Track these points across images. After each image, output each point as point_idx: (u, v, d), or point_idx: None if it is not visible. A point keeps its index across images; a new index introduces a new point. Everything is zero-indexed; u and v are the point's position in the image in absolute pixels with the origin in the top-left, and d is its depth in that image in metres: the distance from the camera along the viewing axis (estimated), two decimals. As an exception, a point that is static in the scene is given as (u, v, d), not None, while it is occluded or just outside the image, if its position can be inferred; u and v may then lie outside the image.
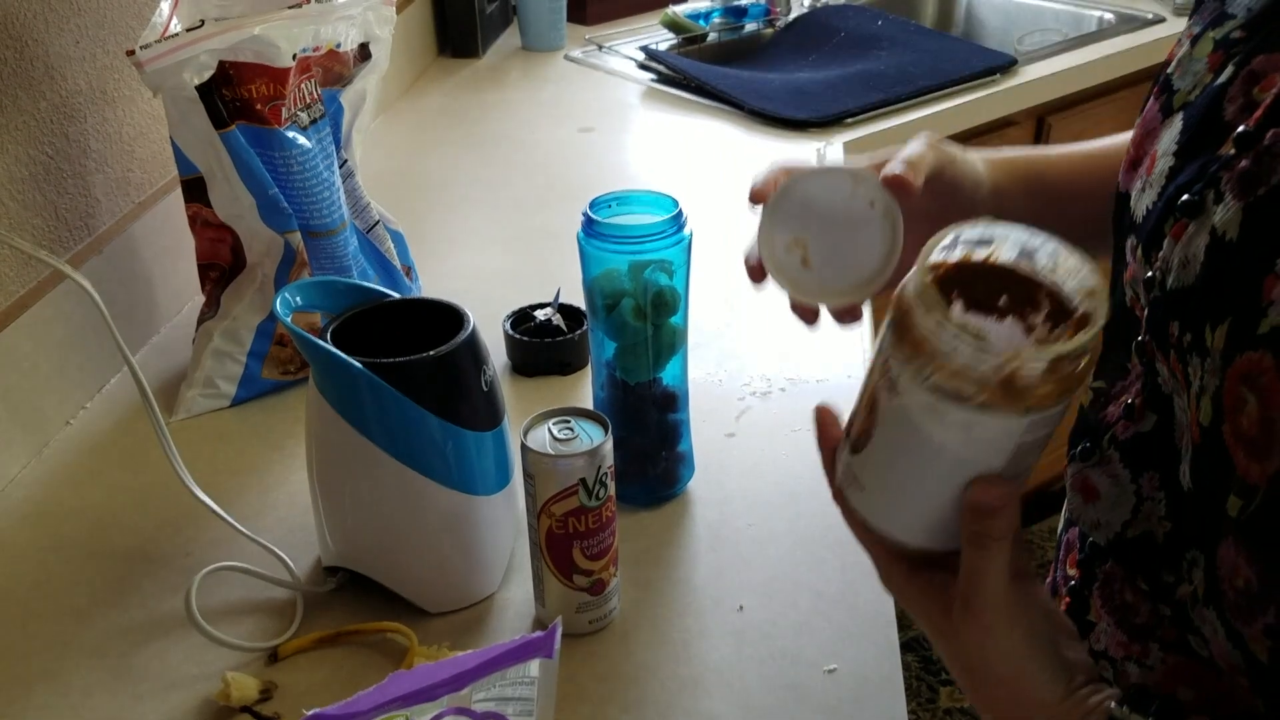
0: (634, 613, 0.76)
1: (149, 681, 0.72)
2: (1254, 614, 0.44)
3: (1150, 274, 0.53)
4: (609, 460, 0.69)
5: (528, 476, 0.70)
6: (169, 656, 0.74)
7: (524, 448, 0.69)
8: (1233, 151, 0.49)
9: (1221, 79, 0.52)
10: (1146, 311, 0.53)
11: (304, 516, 0.83)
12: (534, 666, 0.55)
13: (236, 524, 0.79)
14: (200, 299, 1.03)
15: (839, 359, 1.04)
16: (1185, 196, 0.50)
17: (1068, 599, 0.61)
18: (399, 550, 0.74)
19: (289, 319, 0.72)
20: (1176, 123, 0.54)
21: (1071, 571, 0.61)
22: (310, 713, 0.49)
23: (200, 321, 1.02)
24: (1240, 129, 0.49)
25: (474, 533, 0.75)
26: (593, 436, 0.69)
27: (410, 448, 0.71)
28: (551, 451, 0.68)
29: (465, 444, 0.72)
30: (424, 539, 0.74)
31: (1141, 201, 0.55)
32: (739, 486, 0.87)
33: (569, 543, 0.70)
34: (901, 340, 0.45)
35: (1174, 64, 0.57)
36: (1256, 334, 0.44)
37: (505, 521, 0.78)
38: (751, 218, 0.64)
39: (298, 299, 0.75)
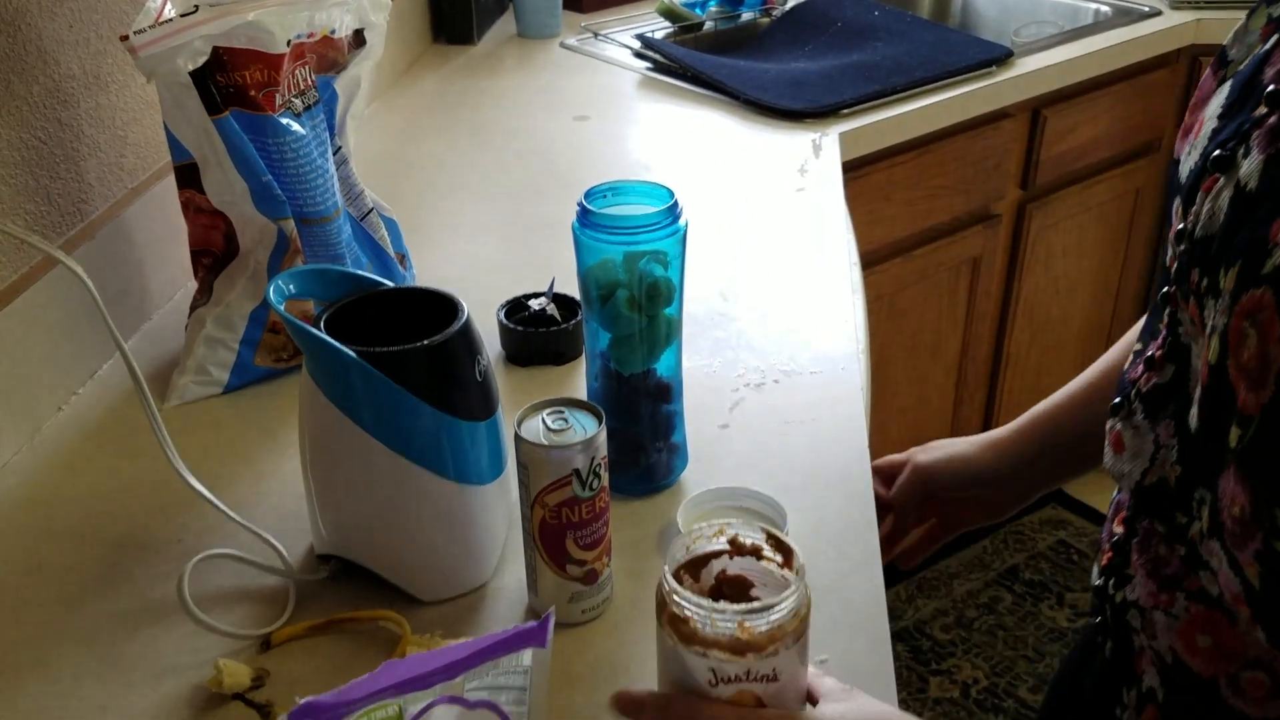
0: (627, 602, 0.76)
1: (140, 669, 0.72)
2: (1246, 539, 0.48)
3: (1181, 226, 0.57)
4: (603, 451, 0.69)
5: (521, 467, 0.69)
6: (160, 644, 0.74)
7: (518, 438, 0.69)
8: (1265, 110, 0.52)
9: (1267, 47, 0.56)
10: (1176, 263, 0.57)
11: (296, 504, 0.83)
12: (527, 656, 0.55)
13: (229, 511, 0.79)
14: (193, 285, 1.03)
15: (833, 350, 1.04)
16: (1218, 152, 0.54)
17: (1110, 553, 0.64)
18: (392, 539, 0.74)
19: (282, 307, 0.72)
20: (1225, 89, 0.58)
21: (1118, 529, 0.64)
22: (303, 701, 0.49)
23: (193, 308, 1.01)
24: (1271, 88, 0.52)
25: (467, 522, 0.75)
26: (586, 427, 0.69)
27: (404, 437, 0.71)
28: (545, 442, 0.68)
29: (459, 433, 0.72)
30: (417, 528, 0.74)
31: (1186, 164, 0.59)
32: (732, 478, 0.87)
33: (562, 533, 0.70)
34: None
35: (1231, 37, 0.61)
36: (1261, 273, 0.47)
37: (499, 511, 0.78)
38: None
39: (291, 287, 0.75)
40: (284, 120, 0.95)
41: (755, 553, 0.61)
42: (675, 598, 0.57)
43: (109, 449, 0.93)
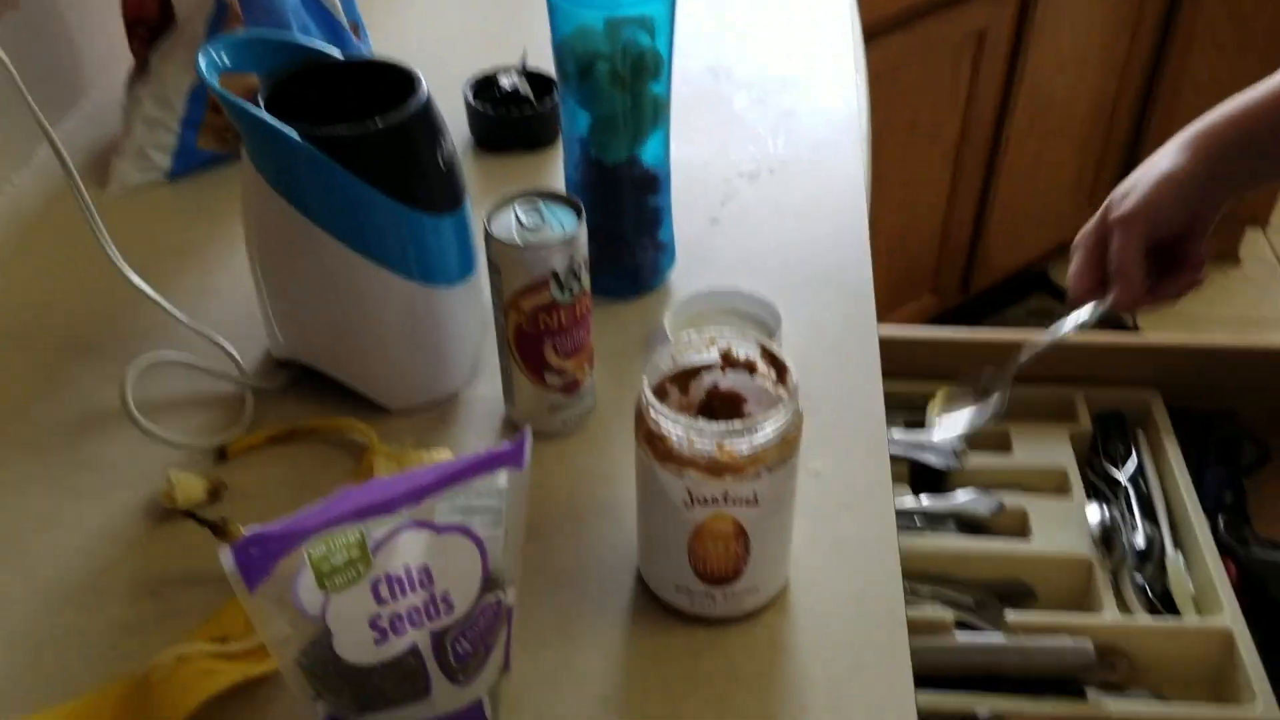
0: (610, 412, 0.71)
1: (88, 479, 0.67)
2: None
3: None
4: (583, 250, 0.63)
5: (492, 268, 0.63)
6: (109, 454, 0.69)
7: (487, 236, 0.62)
8: None
9: None
10: None
11: (250, 303, 0.76)
12: (502, 478, 0.50)
13: (176, 311, 0.72)
14: (131, 61, 0.93)
15: (832, 137, 0.96)
16: None
17: None
18: (354, 344, 0.68)
19: (216, 81, 0.63)
20: None
21: None
22: (249, 531, 0.44)
23: (130, 86, 0.92)
24: None
25: (436, 326, 0.69)
26: (564, 223, 0.62)
27: (360, 232, 0.64)
28: (518, 241, 0.61)
29: (422, 229, 0.65)
30: (380, 333, 0.68)
31: None
32: (723, 277, 0.81)
33: (539, 340, 0.64)
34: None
35: None
36: None
37: (470, 313, 0.71)
38: None
39: (225, 57, 0.65)
40: None
41: (748, 367, 0.56)
42: (652, 413, 0.52)
43: (49, 243, 0.86)
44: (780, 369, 0.55)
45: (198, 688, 0.53)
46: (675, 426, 0.51)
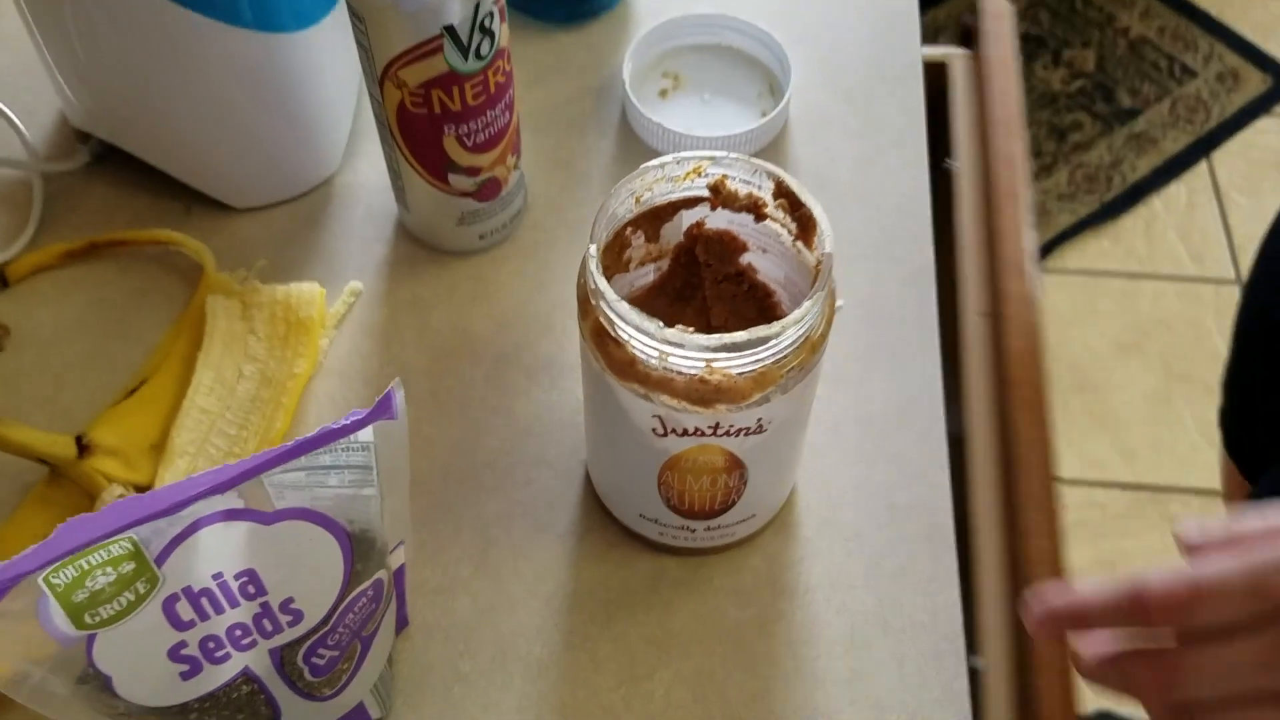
0: (548, 212, 0.50)
1: None
2: None
3: None
4: (496, -12, 0.40)
5: (355, 19, 0.40)
6: None
7: (341, -33, 0.39)
8: None
9: None
10: None
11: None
12: (366, 433, 0.31)
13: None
14: None
15: None
16: None
17: None
18: (174, 117, 0.47)
19: None
20: None
21: None
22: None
23: None
24: None
25: (284, 90, 0.46)
26: (465, -57, 0.39)
27: (146, -46, 0.40)
28: (391, -23, 0.38)
29: (245, -55, 0.41)
30: (208, 100, 0.46)
31: None
32: (707, -15, 0.58)
33: (436, 128, 0.42)
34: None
35: None
36: None
37: (337, 68, 0.49)
38: None
39: None
40: None
41: (752, 208, 0.36)
42: (604, 306, 0.32)
43: None
44: (804, 218, 0.35)
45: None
46: (639, 335, 0.32)
